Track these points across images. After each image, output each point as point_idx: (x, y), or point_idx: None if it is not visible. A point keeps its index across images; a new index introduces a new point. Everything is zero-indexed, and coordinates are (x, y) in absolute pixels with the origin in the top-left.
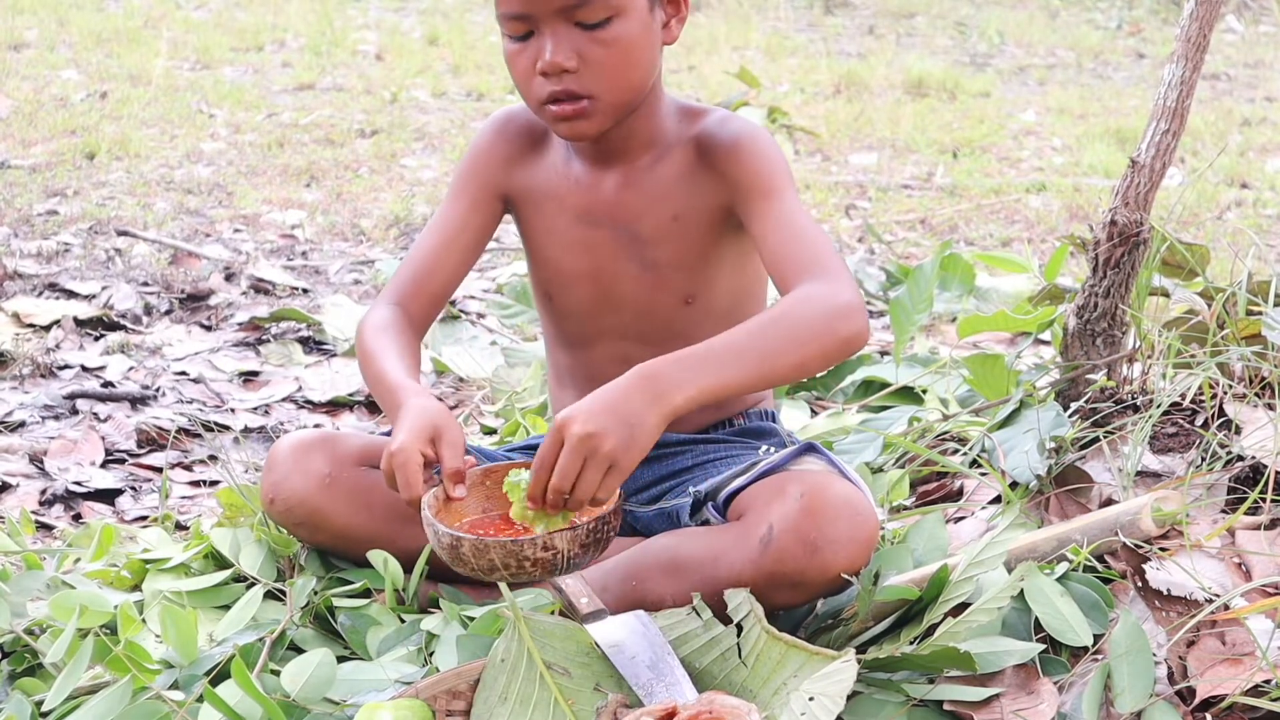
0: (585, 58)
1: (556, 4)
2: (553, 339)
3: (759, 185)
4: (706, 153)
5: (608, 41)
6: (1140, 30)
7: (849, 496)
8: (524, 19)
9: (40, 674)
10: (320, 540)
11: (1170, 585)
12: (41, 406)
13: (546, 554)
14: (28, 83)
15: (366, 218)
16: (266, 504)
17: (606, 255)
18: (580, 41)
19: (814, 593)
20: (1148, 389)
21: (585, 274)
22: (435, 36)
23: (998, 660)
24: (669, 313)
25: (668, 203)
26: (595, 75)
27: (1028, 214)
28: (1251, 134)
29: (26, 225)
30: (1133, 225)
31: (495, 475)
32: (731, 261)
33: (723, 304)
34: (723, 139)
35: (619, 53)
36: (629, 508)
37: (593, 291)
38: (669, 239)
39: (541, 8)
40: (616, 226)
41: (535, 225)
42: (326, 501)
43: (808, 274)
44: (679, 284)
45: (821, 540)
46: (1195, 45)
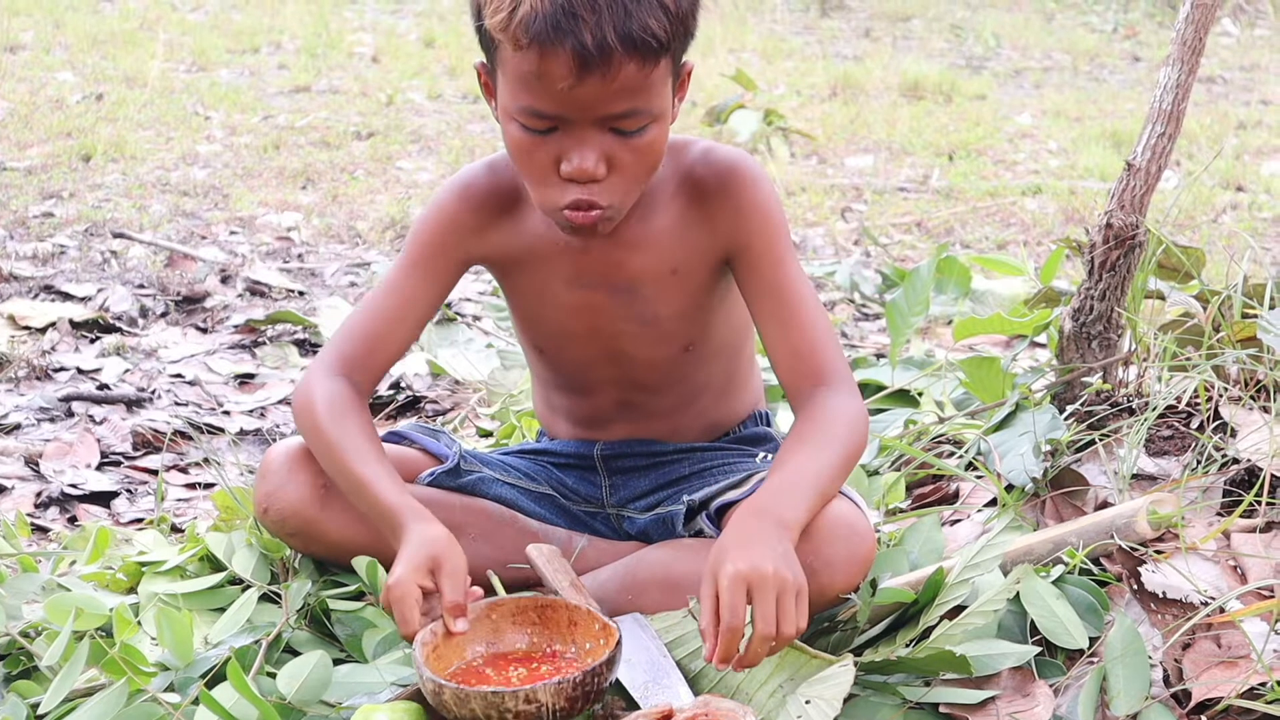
0: (614, 163)
1: (600, 113)
2: (544, 381)
3: (758, 252)
4: (697, 195)
5: (639, 147)
6: (1136, 33)
7: (847, 516)
8: (551, 117)
9: (36, 677)
10: (314, 551)
11: (1166, 588)
12: (37, 409)
13: (529, 706)
14: (23, 84)
15: (362, 220)
16: (260, 513)
17: (605, 316)
18: (611, 146)
19: (811, 613)
20: (1143, 392)
21: (582, 334)
22: (431, 39)
23: (993, 663)
24: (669, 362)
25: (665, 257)
26: (621, 182)
27: (1024, 217)
28: (1247, 137)
29: (22, 227)
30: (1128, 228)
31: (501, 609)
32: (727, 304)
33: (718, 346)
34: (711, 182)
35: (648, 156)
36: (626, 513)
37: (591, 349)
38: (669, 292)
39: (581, 114)
40: (614, 287)
41: (521, 288)
42: (321, 514)
43: (826, 383)
44: (679, 333)
45: (819, 563)
46: (1191, 48)
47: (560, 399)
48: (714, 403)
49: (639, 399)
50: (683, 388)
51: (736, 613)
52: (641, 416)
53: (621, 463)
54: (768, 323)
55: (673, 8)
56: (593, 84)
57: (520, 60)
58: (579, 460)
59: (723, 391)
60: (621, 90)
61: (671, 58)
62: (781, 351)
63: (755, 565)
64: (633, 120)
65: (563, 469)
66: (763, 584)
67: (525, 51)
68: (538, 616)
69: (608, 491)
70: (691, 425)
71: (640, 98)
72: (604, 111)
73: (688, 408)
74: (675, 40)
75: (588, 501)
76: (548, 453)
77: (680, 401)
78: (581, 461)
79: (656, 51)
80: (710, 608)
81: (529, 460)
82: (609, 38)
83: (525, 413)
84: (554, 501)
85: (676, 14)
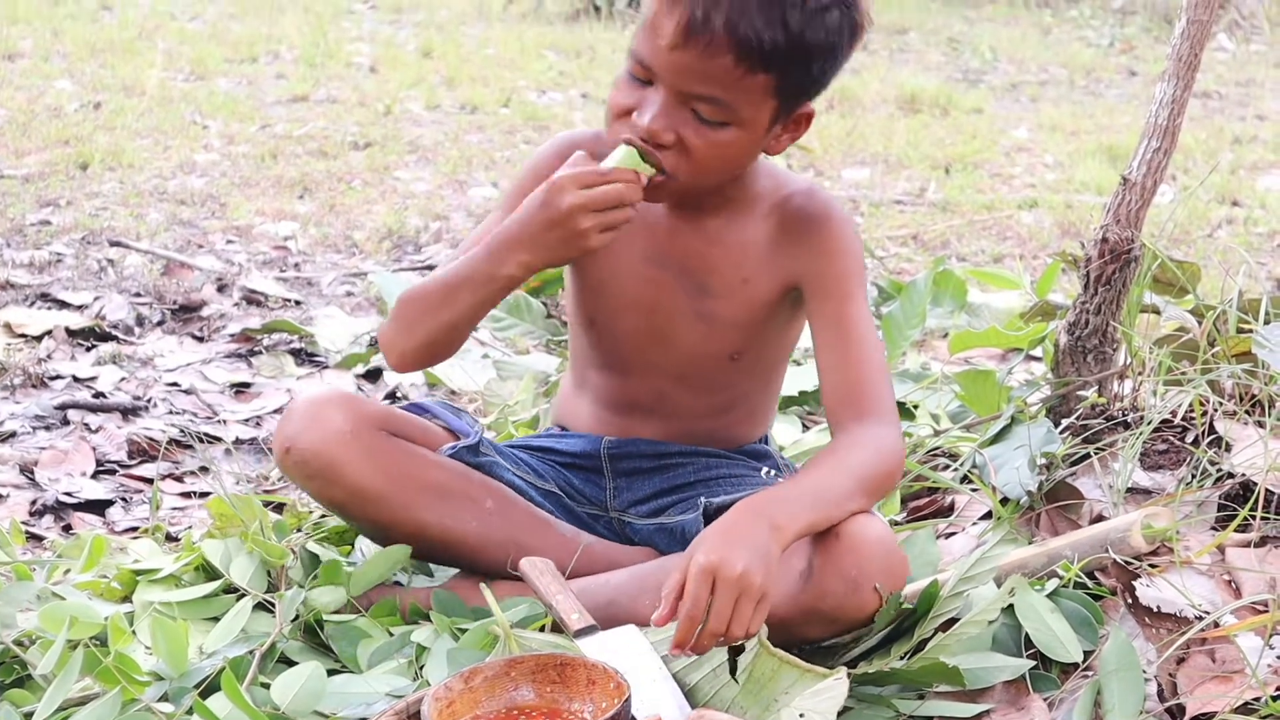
0: (683, 141)
1: (684, 86)
2: (584, 358)
3: (831, 285)
4: (788, 225)
5: (711, 140)
6: (1132, 48)
7: (883, 535)
8: (649, 70)
9: (29, 685)
10: (332, 496)
11: (1160, 602)
12: (33, 417)
13: None
14: (22, 93)
15: (359, 230)
16: (280, 454)
17: (666, 296)
18: (686, 124)
19: (848, 628)
20: (1138, 406)
21: (640, 307)
22: (429, 49)
23: (988, 676)
24: (713, 365)
25: (741, 264)
26: (686, 162)
27: (1020, 230)
28: (1243, 152)
29: (19, 235)
30: (1124, 242)
31: (520, 666)
32: (781, 326)
33: (763, 363)
34: (805, 217)
35: (716, 153)
36: (628, 519)
37: (643, 325)
38: (733, 298)
39: (669, 77)
40: (684, 274)
41: (596, 256)
42: (343, 456)
43: (868, 414)
44: (729, 340)
45: (862, 578)
46: (1187, 63)
47: (596, 377)
48: (739, 420)
49: (674, 394)
50: (718, 396)
51: (697, 603)
52: (670, 415)
53: (627, 463)
54: (826, 352)
55: (794, 30)
56: (689, 54)
57: (649, 5)
58: (585, 460)
59: (749, 411)
60: (710, 75)
61: (778, 80)
62: (833, 381)
63: (725, 560)
64: (712, 109)
65: (569, 468)
66: (727, 581)
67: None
68: (558, 675)
69: (612, 493)
70: (713, 435)
71: (729, 93)
72: (688, 87)
73: (716, 419)
74: (785, 62)
75: (592, 503)
76: (555, 451)
77: (711, 410)
78: (588, 461)
79: (757, 60)
80: (675, 584)
81: (536, 457)
82: (717, 20)
83: (522, 423)
84: (559, 500)
85: (797, 38)
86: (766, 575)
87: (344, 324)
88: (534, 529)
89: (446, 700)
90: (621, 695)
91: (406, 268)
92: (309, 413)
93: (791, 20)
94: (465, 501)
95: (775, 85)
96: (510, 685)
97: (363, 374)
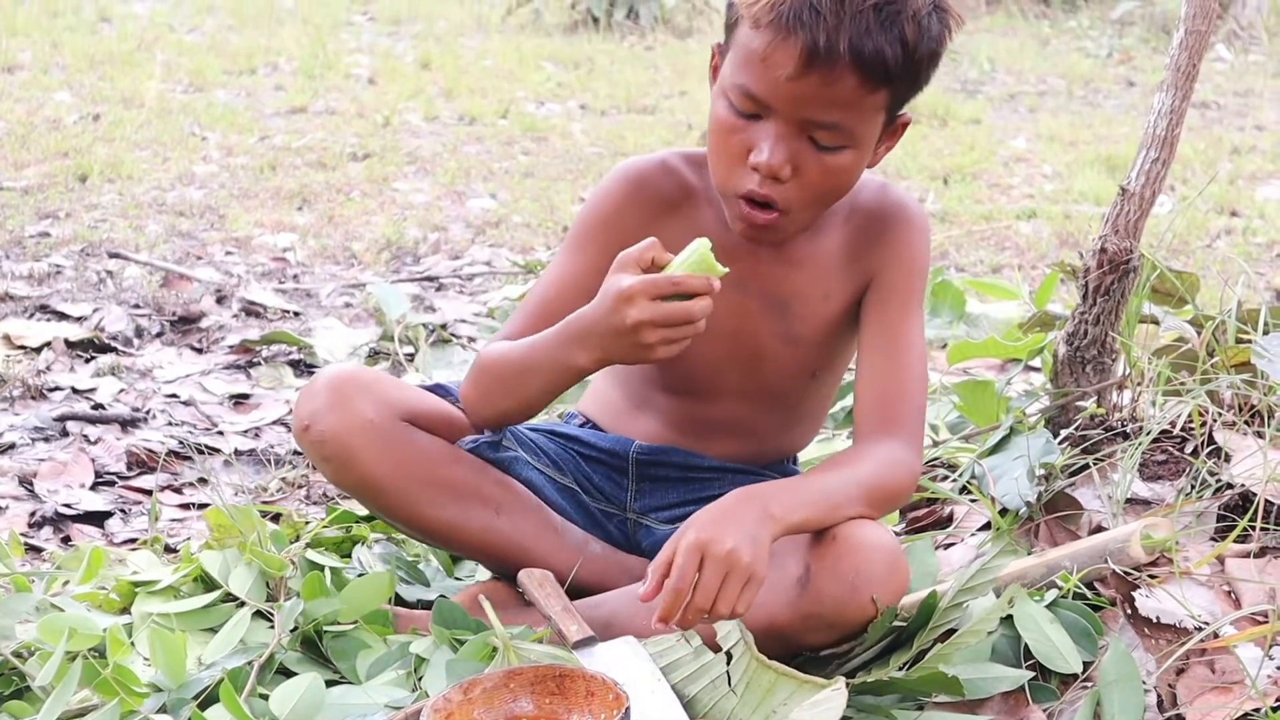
0: (800, 171)
1: (805, 115)
2: (648, 382)
3: (895, 289)
4: (863, 225)
5: (829, 167)
6: (1130, 58)
7: (882, 537)
8: (761, 104)
9: (28, 697)
10: (344, 481)
11: (1160, 613)
12: (31, 428)
13: None
14: (20, 104)
15: (358, 241)
16: (300, 430)
17: (750, 321)
18: (803, 153)
19: (849, 632)
20: (1137, 416)
21: (723, 334)
22: (428, 60)
23: (987, 687)
24: (795, 384)
25: (822, 280)
26: (802, 193)
27: (1018, 241)
28: (1241, 162)
29: (18, 247)
30: (1123, 253)
31: (520, 678)
32: (854, 333)
33: (836, 373)
34: (881, 216)
35: (834, 179)
36: (645, 522)
37: (726, 351)
38: (815, 317)
39: (788, 108)
40: (767, 298)
41: None
42: (361, 445)
43: (894, 431)
44: (812, 358)
45: (860, 581)
46: (1185, 74)
47: (665, 400)
48: (806, 430)
49: (753, 415)
50: (794, 412)
51: (684, 577)
52: (749, 434)
53: (655, 470)
54: (871, 358)
55: (912, 46)
56: (810, 83)
57: (753, 38)
58: (610, 457)
59: (815, 419)
60: (833, 101)
61: (892, 94)
62: (870, 389)
63: (715, 537)
64: (832, 135)
65: (590, 462)
66: (715, 557)
67: (761, 31)
68: (556, 686)
69: (633, 496)
70: (779, 449)
71: (849, 116)
72: (809, 115)
73: (789, 431)
74: (902, 78)
75: (609, 501)
76: (579, 440)
77: (787, 424)
78: (613, 460)
79: (880, 78)
80: (664, 559)
81: (559, 444)
82: (841, 45)
83: None
84: (575, 496)
85: (914, 53)
86: (755, 556)
87: (343, 335)
88: (541, 537)
89: (445, 711)
90: (620, 707)
91: (405, 279)
92: (334, 393)
93: (908, 34)
94: (475, 503)
95: (889, 99)
96: (509, 697)
97: None
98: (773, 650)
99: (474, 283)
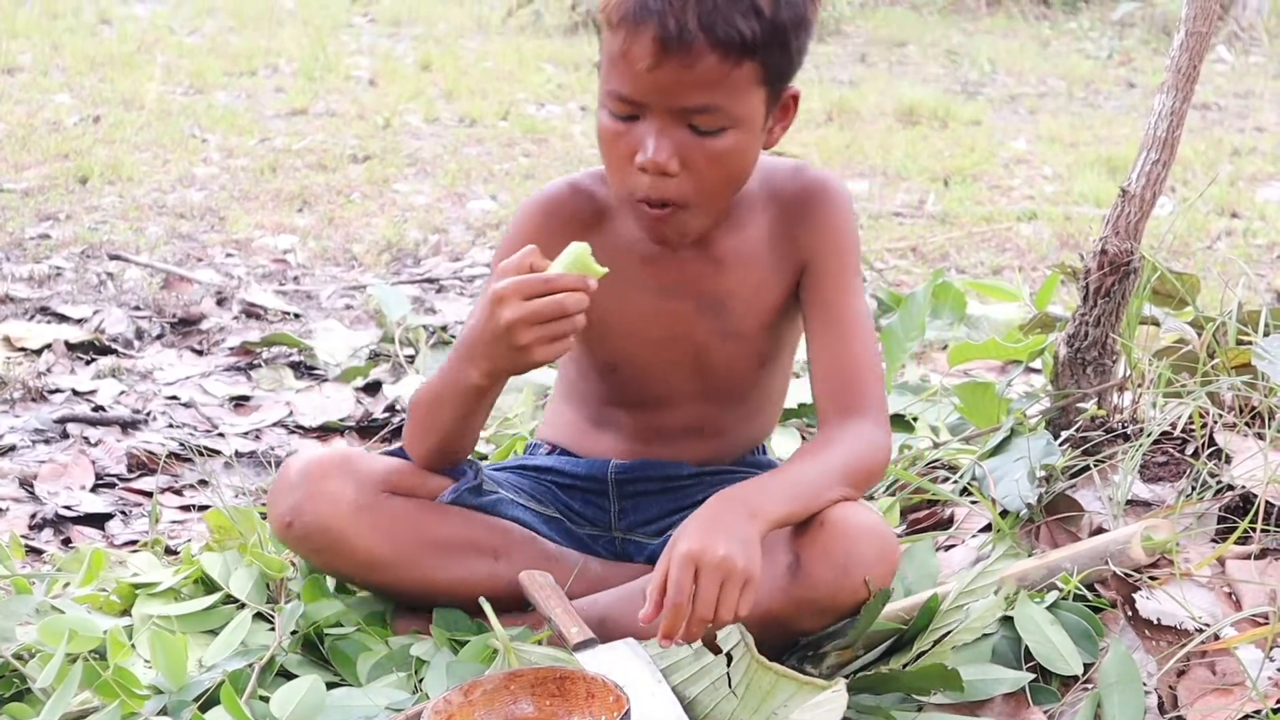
0: (688, 163)
1: (676, 102)
2: (604, 400)
3: (829, 267)
4: (784, 210)
5: (716, 152)
6: (1131, 60)
7: (870, 519)
8: (634, 104)
9: (29, 699)
10: (338, 568)
11: (1160, 614)
12: (32, 430)
13: None
14: (21, 106)
15: (359, 243)
16: (282, 527)
17: (689, 325)
18: (687, 144)
19: (842, 615)
20: (1138, 418)
21: (664, 343)
22: (428, 62)
23: (987, 688)
24: (745, 374)
25: (752, 273)
26: (694, 183)
27: (1019, 242)
28: (1241, 163)
29: (18, 249)
30: (1123, 254)
31: (520, 680)
32: (795, 314)
33: (785, 354)
34: (803, 196)
35: (725, 165)
36: (634, 538)
37: (671, 359)
38: (752, 307)
39: (658, 100)
40: (701, 298)
41: (605, 301)
42: (351, 529)
43: (857, 409)
44: (757, 347)
45: (851, 563)
46: (1185, 75)
47: (624, 416)
48: (768, 417)
49: (713, 413)
50: (751, 401)
51: (681, 590)
52: (714, 433)
53: (635, 486)
54: (818, 341)
55: (767, 13)
56: (671, 69)
57: (611, 40)
58: (588, 481)
59: (773, 403)
60: (700, 82)
61: (762, 67)
62: (824, 371)
63: (707, 547)
64: (709, 118)
65: (568, 491)
66: (710, 567)
67: (616, 31)
68: (557, 688)
69: (616, 515)
70: (747, 439)
71: (719, 95)
72: (681, 102)
73: (750, 420)
74: (766, 48)
75: (593, 525)
76: (553, 471)
77: (747, 415)
78: (592, 484)
79: (740, 50)
80: (659, 578)
81: (532, 479)
82: (691, 24)
83: (520, 437)
84: (560, 525)
85: (771, 21)
86: (748, 558)
87: (343, 337)
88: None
89: (446, 714)
90: (621, 708)
91: (406, 280)
92: (310, 482)
93: (761, 2)
94: (473, 554)
95: (760, 72)
96: (509, 699)
97: (362, 387)
98: (769, 637)
99: (474, 285)
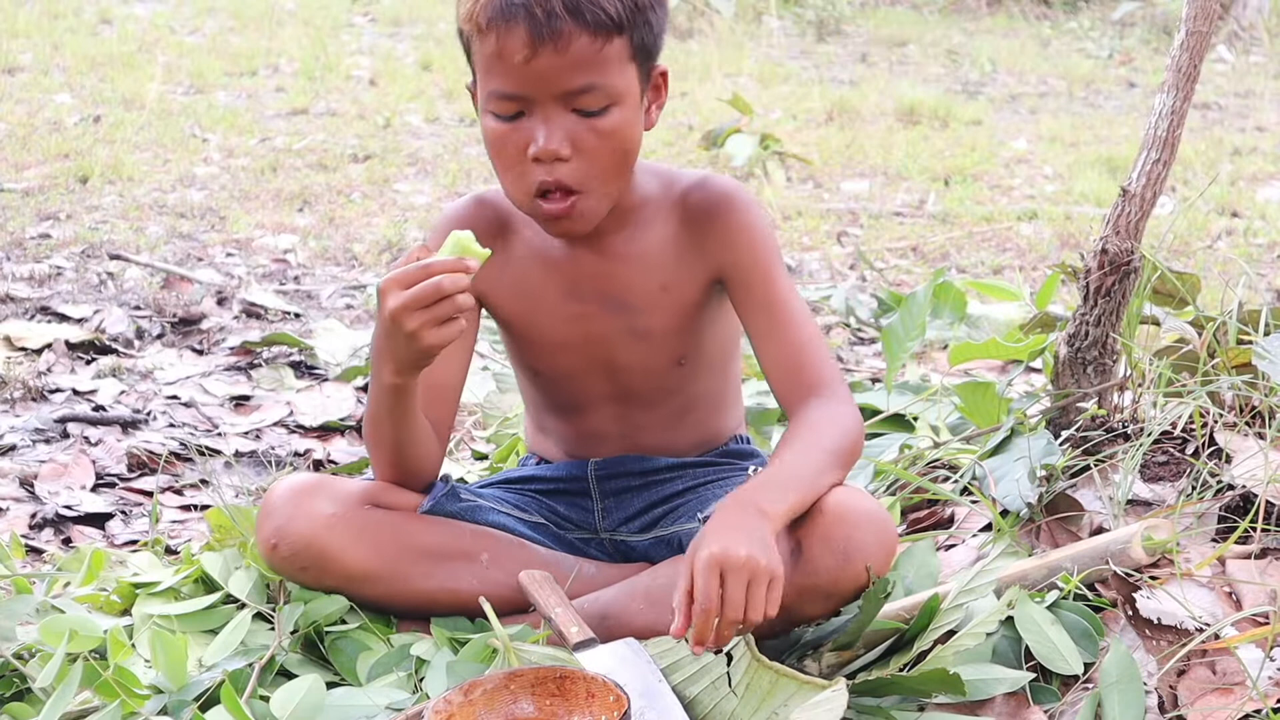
0: (579, 146)
1: (558, 88)
2: (539, 404)
3: (751, 271)
4: (689, 218)
5: (604, 131)
6: (1131, 59)
7: (868, 504)
8: (518, 99)
9: (29, 699)
10: (327, 583)
11: (1161, 614)
12: (32, 430)
13: None
14: (21, 106)
15: (359, 242)
16: (268, 550)
17: (594, 326)
18: (576, 128)
19: (843, 600)
20: (1138, 417)
21: (574, 345)
22: (428, 62)
23: (988, 688)
24: (662, 374)
25: (655, 273)
26: (588, 166)
27: (1019, 242)
28: (1242, 163)
29: (19, 248)
30: (1124, 254)
31: (520, 680)
32: (719, 321)
33: (709, 360)
34: (708, 208)
35: (614, 143)
36: (621, 537)
37: (583, 361)
38: (658, 308)
39: (541, 90)
40: (605, 299)
41: (517, 309)
42: (334, 542)
43: (817, 391)
44: (670, 348)
45: (852, 549)
46: (1186, 75)
47: (554, 421)
48: (705, 417)
49: (633, 414)
50: (675, 401)
51: (709, 595)
52: (635, 431)
53: (615, 483)
54: (761, 339)
55: None
56: (546, 56)
57: (483, 45)
58: (570, 484)
59: (714, 406)
60: (576, 64)
61: (630, 43)
62: (775, 365)
63: (729, 550)
64: (591, 97)
65: (552, 496)
66: (735, 569)
67: (486, 35)
68: (557, 688)
69: (600, 515)
70: (683, 440)
71: (595, 73)
72: (562, 86)
73: (680, 421)
74: (632, 24)
75: (580, 528)
76: (536, 479)
77: (673, 415)
78: (573, 485)
79: (608, 27)
80: (685, 588)
81: (515, 492)
82: (557, 9)
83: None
84: (548, 531)
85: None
86: (769, 557)
87: (343, 336)
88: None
89: (446, 713)
90: (621, 708)
91: None
92: (292, 503)
93: None
94: (461, 560)
95: (629, 49)
96: (509, 698)
97: (362, 387)
98: (771, 626)
99: None
